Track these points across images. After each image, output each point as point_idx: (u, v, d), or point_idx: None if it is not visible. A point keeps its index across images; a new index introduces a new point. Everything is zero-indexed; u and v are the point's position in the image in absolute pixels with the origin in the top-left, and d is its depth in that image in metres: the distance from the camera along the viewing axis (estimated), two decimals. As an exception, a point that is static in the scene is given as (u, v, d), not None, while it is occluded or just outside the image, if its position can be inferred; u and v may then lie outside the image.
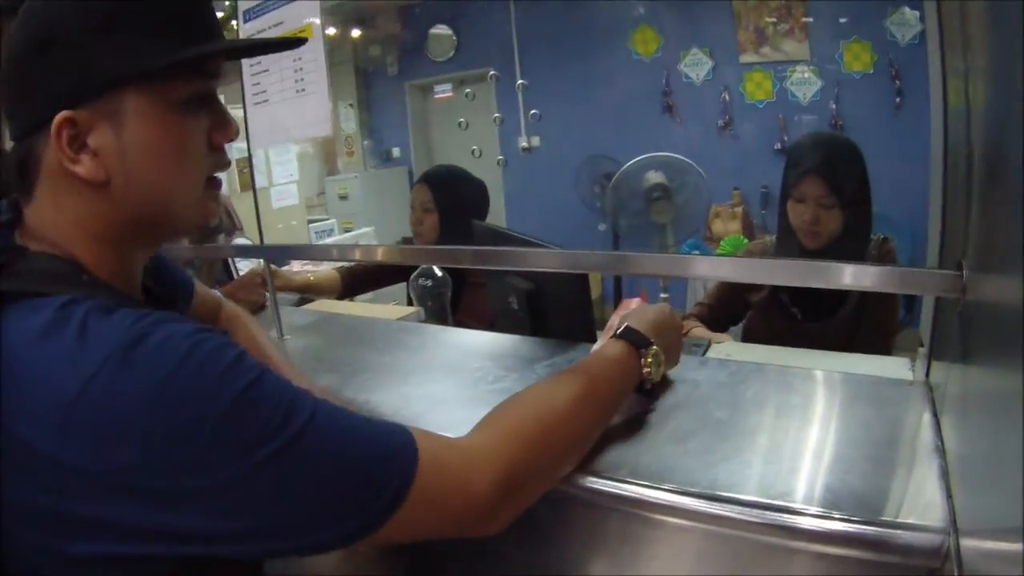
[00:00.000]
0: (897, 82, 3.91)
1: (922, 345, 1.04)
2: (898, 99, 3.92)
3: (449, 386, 1.12)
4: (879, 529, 0.66)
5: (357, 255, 1.92)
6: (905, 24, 3.86)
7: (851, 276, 0.84)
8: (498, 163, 4.61)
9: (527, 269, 1.32)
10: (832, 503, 0.70)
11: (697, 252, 4.71)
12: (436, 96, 5.92)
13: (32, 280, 0.61)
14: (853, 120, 4.04)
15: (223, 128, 0.73)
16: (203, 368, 0.55)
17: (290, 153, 5.62)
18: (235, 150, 5.20)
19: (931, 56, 0.91)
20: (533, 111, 3.91)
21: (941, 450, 0.78)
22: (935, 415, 0.87)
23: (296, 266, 3.06)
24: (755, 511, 0.71)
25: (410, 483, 0.61)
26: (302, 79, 1.33)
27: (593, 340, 1.25)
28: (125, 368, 0.54)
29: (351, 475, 0.59)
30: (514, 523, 0.69)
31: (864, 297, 1.70)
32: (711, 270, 1.14)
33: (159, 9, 0.65)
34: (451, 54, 5.48)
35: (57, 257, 0.65)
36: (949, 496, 0.69)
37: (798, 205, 1.67)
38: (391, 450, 0.62)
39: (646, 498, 0.76)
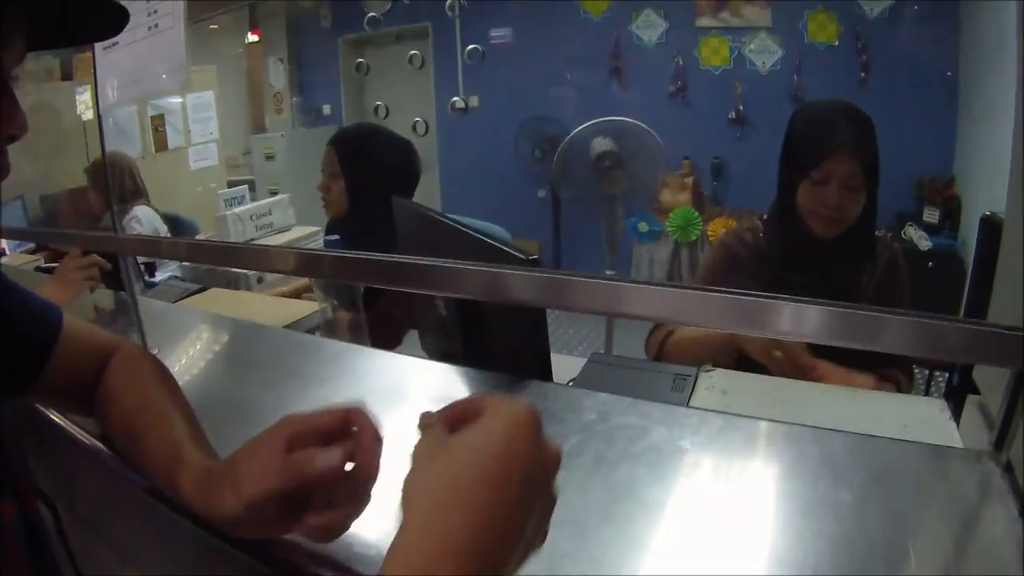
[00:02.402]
0: (863, 56, 3.77)
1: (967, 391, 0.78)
2: (863, 74, 3.78)
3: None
4: None
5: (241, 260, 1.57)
6: (875, -3, 3.69)
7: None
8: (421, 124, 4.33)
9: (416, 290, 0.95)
10: None
11: (644, 224, 4.49)
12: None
13: None
14: (815, 93, 3.88)
15: (5, 119, 0.52)
16: None
17: (210, 110, 5.16)
18: (150, 107, 4.76)
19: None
20: (471, 45, 3.65)
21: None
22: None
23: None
24: None
25: None
26: (155, 11, 0.98)
27: (548, 375, 0.93)
28: None
29: None
30: None
31: (881, 295, 1.42)
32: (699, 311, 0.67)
33: None
34: (388, 7, 5.10)
35: None
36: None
37: (821, 188, 1.36)
38: None
39: None
